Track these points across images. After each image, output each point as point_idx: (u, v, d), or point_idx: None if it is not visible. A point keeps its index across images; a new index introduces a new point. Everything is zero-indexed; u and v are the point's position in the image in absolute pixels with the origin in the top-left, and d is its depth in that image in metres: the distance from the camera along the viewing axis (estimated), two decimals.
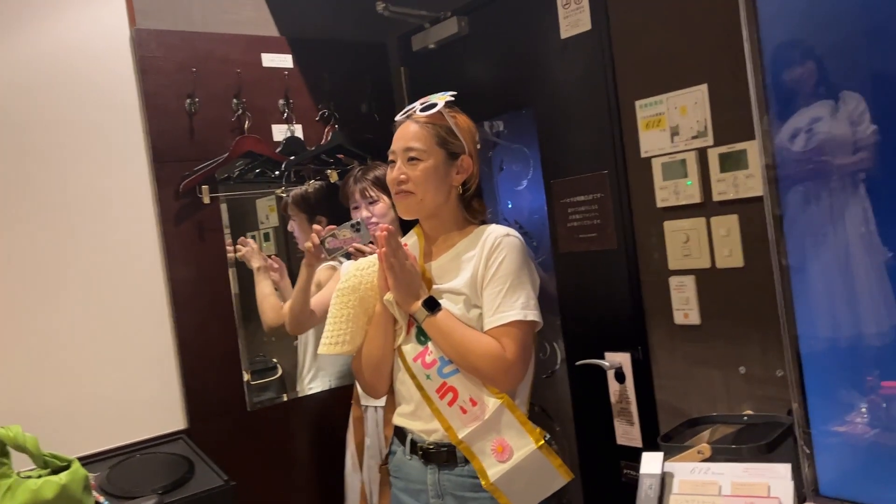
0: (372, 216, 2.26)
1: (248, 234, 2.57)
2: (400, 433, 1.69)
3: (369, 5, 2.54)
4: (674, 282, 1.97)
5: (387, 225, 1.58)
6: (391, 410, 1.73)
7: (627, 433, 2.13)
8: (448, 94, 1.64)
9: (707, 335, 1.93)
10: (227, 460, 2.13)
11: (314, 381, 2.64)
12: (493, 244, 1.58)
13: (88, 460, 2.08)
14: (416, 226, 1.75)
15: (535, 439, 1.53)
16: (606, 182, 2.11)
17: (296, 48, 2.65)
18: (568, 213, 2.23)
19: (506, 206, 2.74)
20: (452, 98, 1.64)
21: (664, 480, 1.48)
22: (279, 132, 2.60)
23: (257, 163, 2.53)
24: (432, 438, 1.60)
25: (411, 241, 1.72)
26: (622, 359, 2.11)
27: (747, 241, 1.81)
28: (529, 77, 2.33)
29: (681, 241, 1.94)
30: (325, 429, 2.61)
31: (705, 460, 1.54)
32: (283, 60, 2.62)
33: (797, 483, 1.40)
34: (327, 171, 2.62)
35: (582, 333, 2.26)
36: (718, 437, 1.77)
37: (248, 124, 2.51)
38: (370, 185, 2.29)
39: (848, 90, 1.32)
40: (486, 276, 1.57)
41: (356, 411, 2.27)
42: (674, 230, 1.96)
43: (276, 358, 2.69)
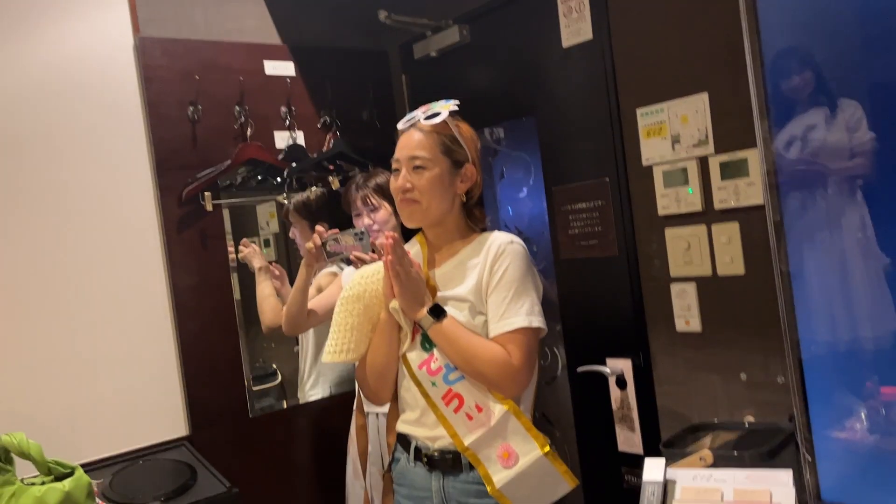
0: (374, 224, 2.26)
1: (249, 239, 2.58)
2: (404, 440, 1.69)
3: (371, 13, 2.56)
4: (675, 289, 1.98)
5: (392, 233, 1.59)
6: (395, 418, 1.73)
7: (629, 440, 2.13)
8: (452, 103, 1.65)
9: (708, 342, 1.93)
10: (229, 467, 2.14)
11: (315, 387, 2.64)
12: (498, 251, 1.59)
13: (91, 467, 2.08)
14: (418, 234, 1.76)
15: (540, 445, 1.53)
16: (608, 189, 2.12)
17: (298, 56, 2.67)
18: (569, 220, 2.24)
19: (507, 212, 2.75)
20: (457, 107, 1.65)
21: (666, 487, 1.48)
22: (281, 139, 2.62)
23: (260, 170, 2.54)
24: (437, 445, 1.61)
25: (414, 249, 1.72)
26: (623, 365, 2.12)
27: (748, 248, 1.82)
28: (531, 85, 2.35)
29: (682, 248, 1.95)
30: (326, 435, 2.61)
31: (707, 467, 1.54)
32: (286, 68, 2.64)
33: (799, 489, 1.40)
34: (329, 178, 2.63)
35: (583, 340, 2.26)
36: (720, 443, 1.78)
37: (250, 132, 2.52)
38: (372, 192, 2.29)
39: (846, 98, 1.34)
40: (491, 283, 1.58)
41: (359, 419, 2.27)
42: (675, 237, 1.97)
43: (275, 364, 2.69)
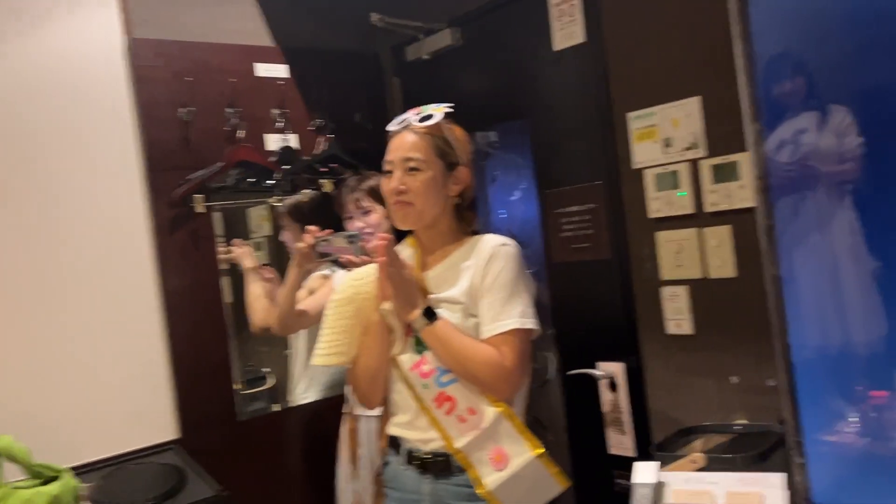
0: (366, 227, 2.26)
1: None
2: (395, 443, 1.68)
3: (364, 16, 2.56)
4: (666, 292, 1.99)
5: (385, 234, 1.58)
6: (386, 421, 1.73)
7: (620, 443, 2.14)
8: (445, 106, 1.65)
9: (700, 345, 1.94)
10: (219, 470, 2.12)
11: (306, 391, 2.63)
12: (490, 253, 1.59)
13: (80, 471, 2.06)
14: (409, 236, 1.75)
15: (532, 447, 1.53)
16: (599, 193, 2.12)
17: (290, 58, 2.66)
18: (561, 223, 2.25)
19: (499, 216, 2.75)
20: (451, 109, 1.65)
21: (658, 490, 1.48)
22: (273, 142, 2.61)
23: (251, 172, 2.54)
24: (429, 448, 1.60)
25: (406, 252, 1.72)
26: (615, 368, 2.12)
27: (740, 251, 1.83)
28: (523, 88, 2.35)
29: (673, 251, 1.96)
30: (317, 439, 2.60)
31: (699, 469, 1.54)
32: (278, 70, 2.63)
33: (790, 492, 1.41)
34: (321, 181, 2.62)
35: (575, 343, 2.26)
36: (711, 446, 1.78)
37: (242, 134, 2.51)
38: (364, 195, 2.29)
39: (835, 103, 1.34)
40: (484, 285, 1.58)
41: (350, 423, 2.26)
42: (667, 240, 1.97)
43: (267, 367, 2.68)
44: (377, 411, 1.79)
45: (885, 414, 1.35)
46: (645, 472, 1.50)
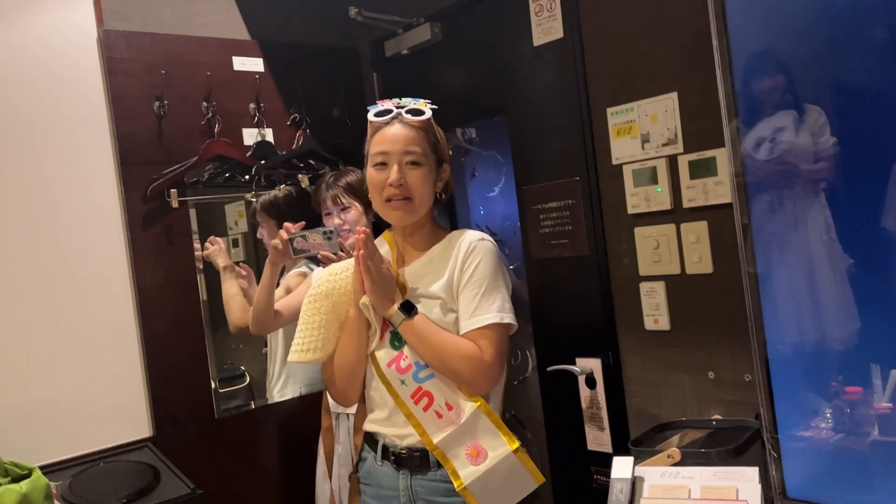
0: (344, 224, 2.24)
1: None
2: (371, 439, 1.68)
3: (342, 10, 2.54)
4: (644, 287, 1.99)
5: (364, 228, 1.57)
6: (362, 418, 1.72)
7: (598, 439, 2.14)
8: (425, 101, 1.65)
9: (677, 340, 1.94)
10: (194, 468, 2.10)
11: (284, 388, 2.61)
12: (469, 248, 1.59)
13: (51, 469, 2.03)
14: (385, 232, 1.74)
15: (509, 442, 1.53)
16: (578, 188, 2.12)
17: (267, 52, 2.63)
18: (540, 219, 2.24)
19: (478, 212, 2.74)
20: (436, 107, 1.65)
21: (634, 484, 1.48)
22: (250, 136, 2.58)
23: (227, 167, 2.51)
24: (405, 443, 1.59)
25: (383, 248, 1.71)
26: (593, 364, 2.12)
27: (716, 247, 1.83)
28: (502, 84, 2.34)
29: (651, 247, 1.96)
30: (294, 437, 2.58)
31: (675, 464, 1.55)
32: (255, 64, 2.60)
33: (764, 486, 1.42)
34: (298, 176, 2.60)
35: (553, 339, 2.26)
36: (688, 441, 1.79)
37: (218, 128, 2.48)
38: (342, 191, 2.27)
39: (809, 102, 1.35)
40: (462, 280, 1.57)
41: (325, 421, 2.25)
42: (644, 236, 1.98)
43: (244, 366, 2.66)
44: (355, 408, 1.78)
45: (859, 409, 1.37)
46: (621, 467, 1.50)
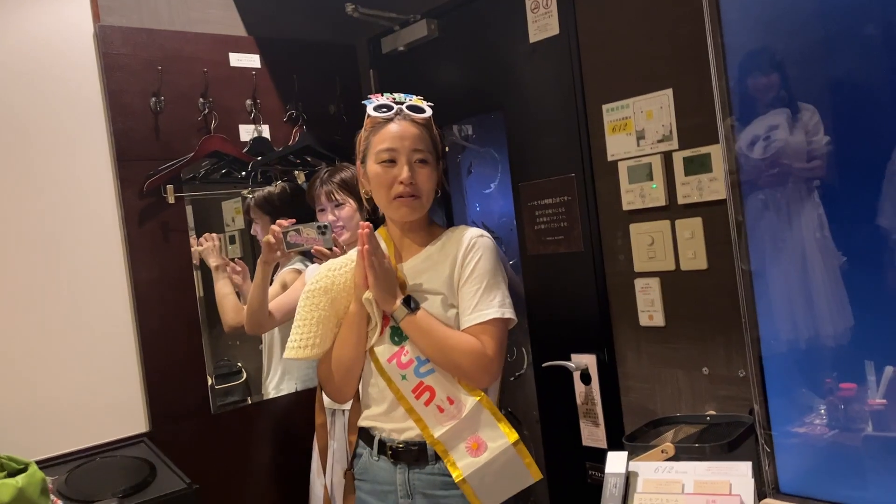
0: (338, 220, 2.24)
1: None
2: (366, 435, 1.68)
3: (339, 6, 2.53)
4: (639, 284, 2.00)
5: (367, 223, 1.57)
6: (357, 415, 1.72)
7: (593, 434, 2.15)
8: (420, 98, 1.65)
9: (671, 336, 1.95)
10: (190, 464, 2.10)
11: (280, 384, 2.61)
12: (469, 244, 1.60)
13: (47, 464, 2.03)
14: (379, 228, 1.74)
15: (509, 434, 1.54)
16: (574, 185, 2.13)
17: (264, 48, 2.63)
18: (535, 215, 2.25)
19: (474, 209, 2.75)
20: (432, 104, 1.65)
21: (629, 479, 1.49)
22: (246, 132, 2.58)
23: (223, 163, 2.51)
24: (403, 437, 1.60)
25: (380, 244, 1.71)
26: (588, 360, 2.13)
27: (711, 243, 1.84)
28: (499, 80, 2.35)
29: (646, 243, 1.97)
30: (290, 433, 2.58)
31: (669, 459, 1.56)
32: (251, 60, 2.60)
33: (758, 481, 1.42)
34: (294, 173, 2.60)
35: (549, 335, 2.27)
36: (682, 436, 1.80)
37: (214, 124, 2.48)
38: (337, 188, 2.27)
39: (803, 101, 1.36)
40: (463, 276, 1.59)
41: (320, 417, 2.24)
42: (639, 233, 1.98)
43: (240, 362, 2.66)
44: (349, 405, 1.78)
45: (853, 405, 1.37)
46: (616, 462, 1.51)
